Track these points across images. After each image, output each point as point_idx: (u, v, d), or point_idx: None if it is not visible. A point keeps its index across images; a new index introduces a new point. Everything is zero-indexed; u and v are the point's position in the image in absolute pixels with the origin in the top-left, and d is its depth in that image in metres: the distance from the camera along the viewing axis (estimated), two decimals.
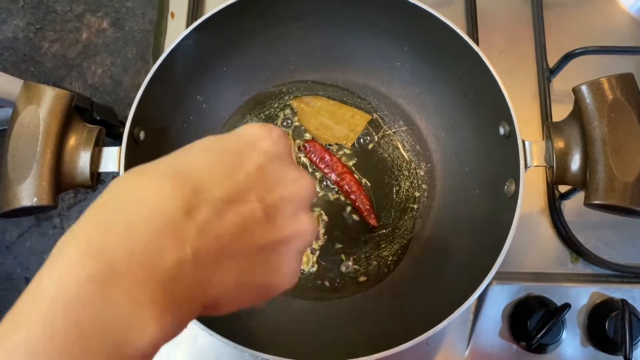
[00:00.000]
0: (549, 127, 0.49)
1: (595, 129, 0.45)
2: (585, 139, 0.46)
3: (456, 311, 0.45)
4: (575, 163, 0.47)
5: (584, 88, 0.47)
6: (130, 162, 0.50)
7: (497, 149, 0.52)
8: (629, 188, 0.44)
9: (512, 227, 0.46)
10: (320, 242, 0.60)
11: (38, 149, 0.47)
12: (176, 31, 0.72)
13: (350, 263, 0.59)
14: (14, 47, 0.73)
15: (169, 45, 0.53)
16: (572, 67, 0.65)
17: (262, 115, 0.64)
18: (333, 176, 0.60)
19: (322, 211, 0.61)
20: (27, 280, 0.65)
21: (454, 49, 0.53)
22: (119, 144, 0.50)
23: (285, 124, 0.64)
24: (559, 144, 0.48)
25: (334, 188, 0.61)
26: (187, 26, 0.70)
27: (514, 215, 0.46)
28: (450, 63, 0.56)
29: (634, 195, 0.44)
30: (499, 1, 0.73)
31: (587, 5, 0.73)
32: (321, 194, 0.62)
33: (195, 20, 0.70)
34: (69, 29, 0.74)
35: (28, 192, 0.46)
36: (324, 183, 0.62)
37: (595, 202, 0.44)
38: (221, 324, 0.47)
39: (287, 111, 0.64)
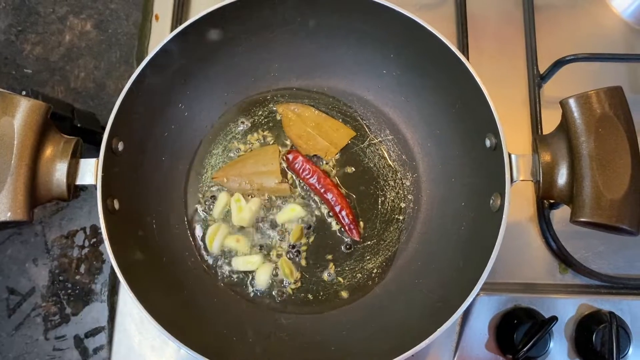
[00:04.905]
0: (536, 141, 0.48)
1: (583, 144, 0.45)
2: (572, 154, 0.45)
3: (441, 327, 0.45)
4: (561, 178, 0.46)
5: (571, 101, 0.46)
6: (109, 174, 0.48)
7: (484, 160, 0.51)
8: (615, 205, 0.43)
9: (497, 242, 0.45)
10: (304, 255, 0.59)
11: (13, 161, 0.46)
12: (160, 34, 0.71)
13: (334, 276, 0.58)
14: None
15: (152, 49, 0.52)
16: (563, 73, 0.64)
17: (247, 123, 0.63)
18: (316, 187, 0.59)
19: (305, 223, 0.60)
20: (9, 289, 0.64)
21: (441, 59, 0.52)
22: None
23: (264, 141, 0.63)
24: (546, 158, 0.47)
25: (317, 199, 0.60)
26: (172, 28, 0.70)
27: (499, 231, 0.46)
28: (437, 73, 0.55)
29: (620, 213, 0.43)
30: (490, 4, 0.72)
31: (579, 8, 0.72)
32: (304, 205, 0.60)
33: (180, 22, 0.70)
34: (52, 31, 0.72)
35: (2, 206, 0.45)
36: (303, 188, 0.60)
37: (582, 219, 0.44)
38: (198, 339, 0.47)
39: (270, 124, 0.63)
